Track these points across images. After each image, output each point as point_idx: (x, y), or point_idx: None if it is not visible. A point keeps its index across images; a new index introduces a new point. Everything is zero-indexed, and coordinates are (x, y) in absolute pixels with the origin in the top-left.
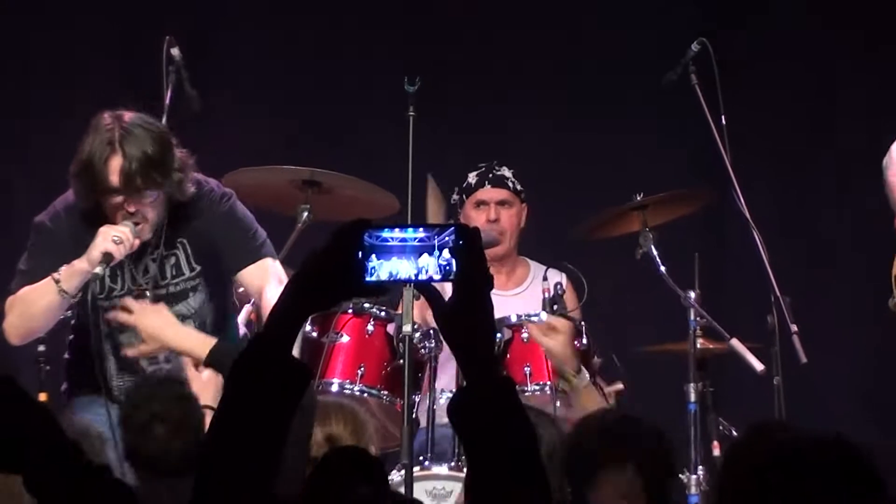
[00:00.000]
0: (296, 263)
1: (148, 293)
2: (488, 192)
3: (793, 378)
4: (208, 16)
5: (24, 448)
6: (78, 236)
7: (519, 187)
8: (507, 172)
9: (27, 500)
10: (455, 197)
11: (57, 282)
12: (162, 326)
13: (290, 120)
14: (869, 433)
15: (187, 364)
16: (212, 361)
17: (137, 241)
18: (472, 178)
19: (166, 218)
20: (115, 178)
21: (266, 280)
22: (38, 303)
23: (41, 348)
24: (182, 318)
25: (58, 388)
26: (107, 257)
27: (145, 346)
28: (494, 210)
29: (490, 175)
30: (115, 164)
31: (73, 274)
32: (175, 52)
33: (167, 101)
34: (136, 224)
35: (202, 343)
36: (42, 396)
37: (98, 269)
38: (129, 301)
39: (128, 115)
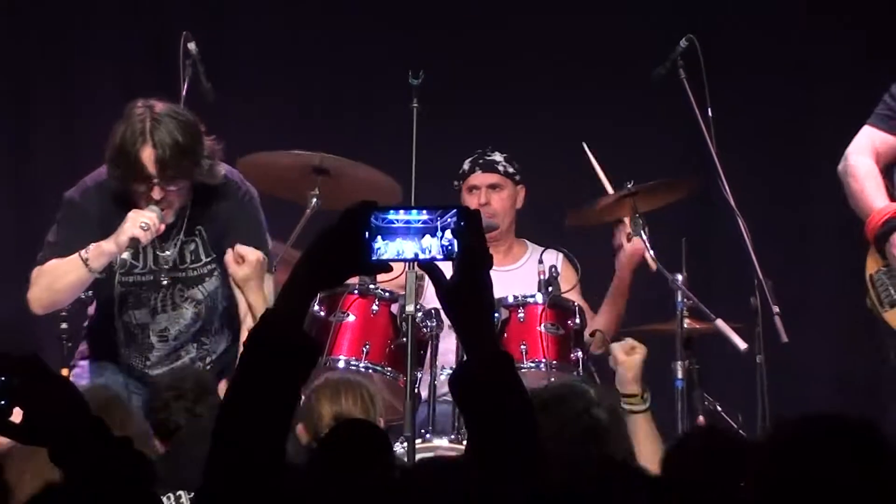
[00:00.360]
0: (305, 243)
1: (163, 276)
2: (479, 177)
3: (774, 356)
4: (221, 10)
5: (51, 422)
6: (105, 214)
7: (511, 170)
8: (498, 157)
9: (52, 471)
10: (455, 183)
11: (85, 260)
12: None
13: (299, 111)
14: (845, 409)
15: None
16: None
17: (163, 227)
18: (466, 164)
19: (190, 203)
20: (149, 167)
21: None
22: (66, 278)
23: (63, 325)
24: (195, 301)
25: None
26: (133, 242)
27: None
28: (485, 194)
29: (481, 161)
30: (148, 153)
31: (101, 254)
32: (192, 46)
33: (184, 92)
34: (162, 209)
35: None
36: (64, 372)
37: (125, 255)
38: (244, 250)
39: (159, 106)
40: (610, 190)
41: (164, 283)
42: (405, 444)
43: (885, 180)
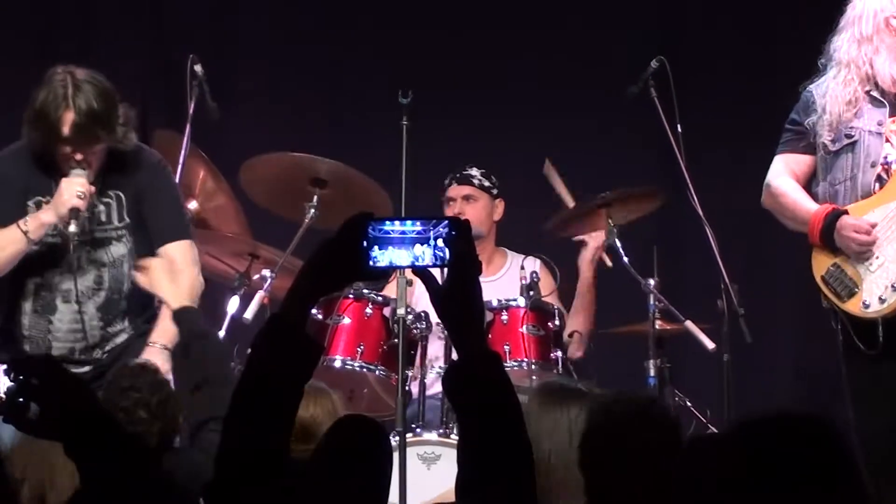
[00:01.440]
0: (304, 251)
1: (74, 235)
2: (455, 189)
3: (739, 355)
4: (225, 35)
5: (65, 418)
6: (25, 177)
7: (487, 183)
8: (474, 171)
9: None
10: (442, 196)
11: (25, 232)
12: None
13: (297, 126)
14: (803, 403)
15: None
16: (178, 317)
17: (93, 188)
18: (446, 179)
19: (105, 167)
20: (66, 130)
21: (187, 263)
22: (6, 249)
23: None
24: (100, 264)
25: None
26: (74, 213)
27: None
28: (459, 205)
29: (458, 175)
30: (68, 117)
31: (41, 225)
32: (198, 68)
33: (191, 110)
34: (83, 170)
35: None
36: None
37: (73, 228)
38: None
39: (79, 72)
40: (570, 204)
41: (74, 242)
42: (397, 437)
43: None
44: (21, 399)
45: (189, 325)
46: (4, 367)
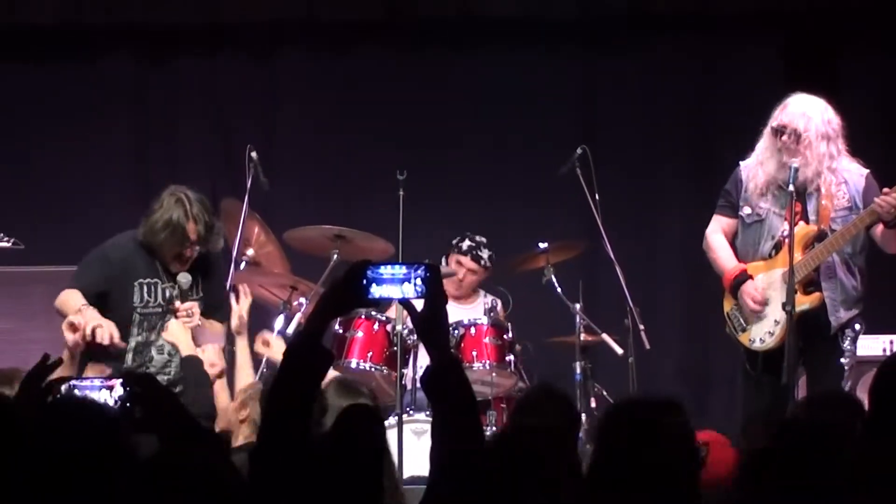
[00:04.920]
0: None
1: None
2: (467, 262)
3: (641, 358)
4: (272, 129)
5: (160, 418)
6: (137, 263)
7: (489, 265)
8: (485, 254)
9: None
10: (453, 242)
11: (77, 311)
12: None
13: (325, 196)
14: (685, 395)
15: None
16: (184, 361)
17: (109, 340)
18: (464, 244)
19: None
20: (192, 237)
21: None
22: (64, 308)
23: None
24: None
25: None
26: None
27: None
28: (464, 273)
29: (475, 251)
30: (192, 227)
31: (75, 314)
32: (254, 154)
33: (248, 185)
34: (186, 262)
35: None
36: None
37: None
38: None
39: (191, 193)
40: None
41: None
42: (396, 418)
43: (732, 248)
44: (129, 404)
45: (191, 368)
46: (121, 380)
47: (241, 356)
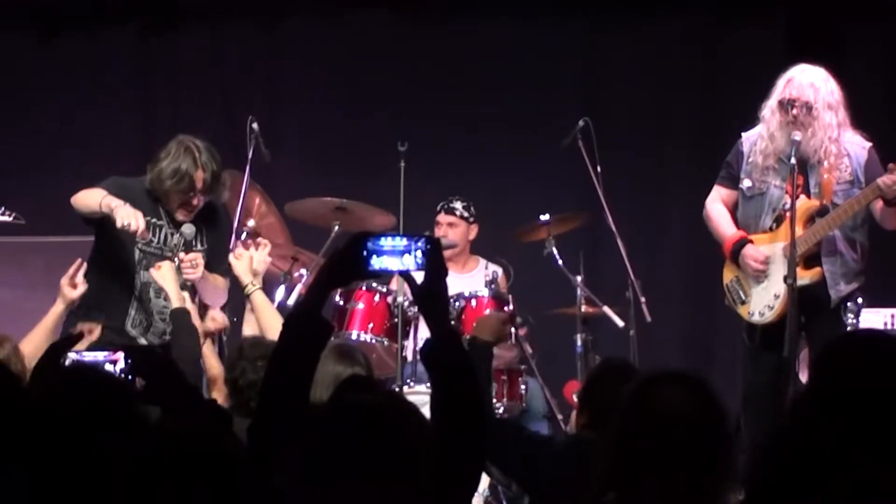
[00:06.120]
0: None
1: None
2: (442, 217)
3: (642, 330)
4: (273, 99)
5: (162, 388)
6: (144, 205)
7: (466, 214)
8: (458, 204)
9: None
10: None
11: (101, 200)
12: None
13: (327, 168)
14: (686, 367)
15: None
16: (174, 313)
17: (141, 230)
18: (438, 207)
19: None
20: (199, 185)
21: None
22: (85, 200)
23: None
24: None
25: None
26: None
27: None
28: (444, 229)
29: (445, 206)
30: (199, 175)
31: (107, 207)
32: (255, 126)
33: (249, 155)
34: (189, 211)
35: (178, 301)
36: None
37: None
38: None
39: (199, 142)
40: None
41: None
42: (396, 388)
43: (733, 218)
44: (131, 376)
45: (179, 320)
46: (123, 353)
47: (259, 300)
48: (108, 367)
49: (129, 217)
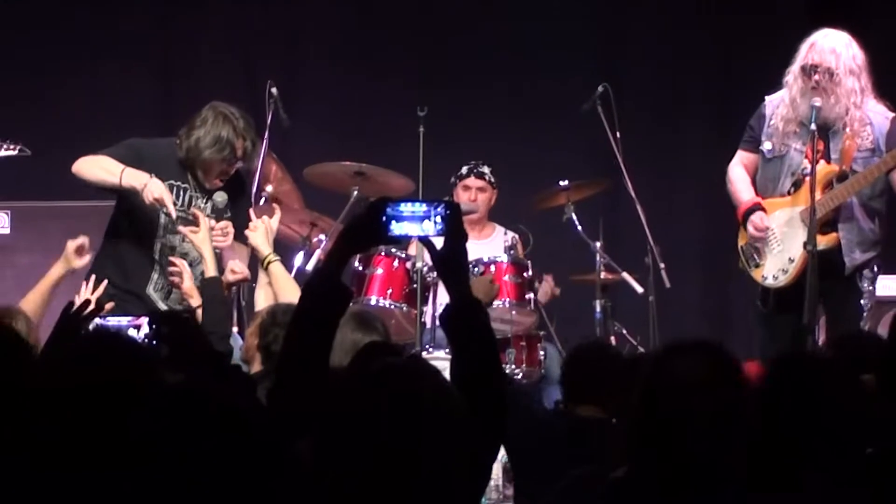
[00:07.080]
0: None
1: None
2: (472, 181)
3: (661, 296)
4: (293, 65)
5: (188, 355)
6: (173, 170)
7: (492, 180)
8: (486, 169)
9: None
10: (453, 179)
11: (121, 173)
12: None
13: (346, 132)
14: (705, 334)
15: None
16: (206, 282)
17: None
18: (464, 169)
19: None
20: (240, 153)
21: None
22: (100, 173)
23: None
24: None
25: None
26: (153, 205)
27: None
28: (475, 193)
29: (475, 170)
30: (240, 143)
31: (129, 179)
32: (274, 90)
33: (269, 120)
34: (226, 178)
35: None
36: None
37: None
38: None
39: (235, 110)
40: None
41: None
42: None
43: (753, 185)
44: (155, 343)
45: (213, 289)
46: (147, 318)
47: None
48: (132, 332)
49: (159, 191)
